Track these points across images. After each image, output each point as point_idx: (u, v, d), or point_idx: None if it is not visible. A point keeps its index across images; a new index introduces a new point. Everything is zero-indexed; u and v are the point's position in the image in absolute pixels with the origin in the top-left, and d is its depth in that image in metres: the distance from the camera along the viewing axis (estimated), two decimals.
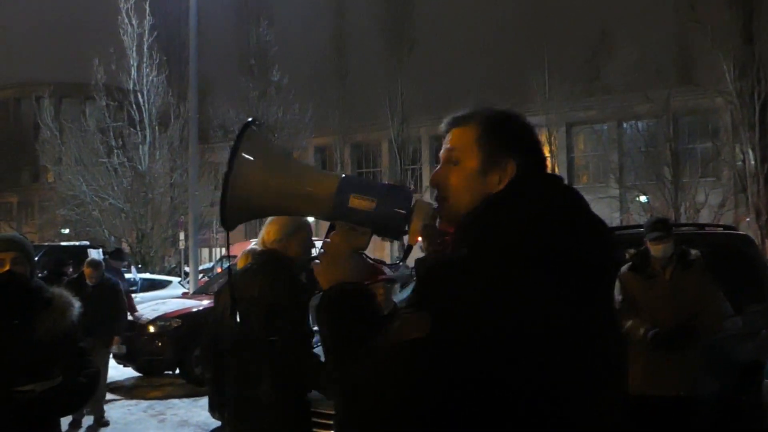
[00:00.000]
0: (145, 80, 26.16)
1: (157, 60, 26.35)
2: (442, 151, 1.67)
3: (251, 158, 1.59)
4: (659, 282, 4.61)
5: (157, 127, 26.34)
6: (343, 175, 1.63)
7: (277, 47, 32.08)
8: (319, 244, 1.99)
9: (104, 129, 26.50)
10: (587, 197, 1.66)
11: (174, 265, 27.11)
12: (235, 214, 1.62)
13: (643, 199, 28.70)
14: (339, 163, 36.84)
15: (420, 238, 1.62)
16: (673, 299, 4.53)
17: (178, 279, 19.06)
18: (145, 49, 26.00)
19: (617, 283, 4.64)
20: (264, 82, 31.04)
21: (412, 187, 34.91)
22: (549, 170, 1.69)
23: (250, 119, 1.68)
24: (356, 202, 1.58)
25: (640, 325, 4.52)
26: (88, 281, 7.96)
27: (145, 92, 26.10)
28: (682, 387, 4.50)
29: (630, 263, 4.72)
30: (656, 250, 4.62)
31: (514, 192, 1.54)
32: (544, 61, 31.67)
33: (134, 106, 26.15)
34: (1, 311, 3.07)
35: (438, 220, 1.63)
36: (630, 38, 28.12)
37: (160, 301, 12.01)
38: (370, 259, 1.67)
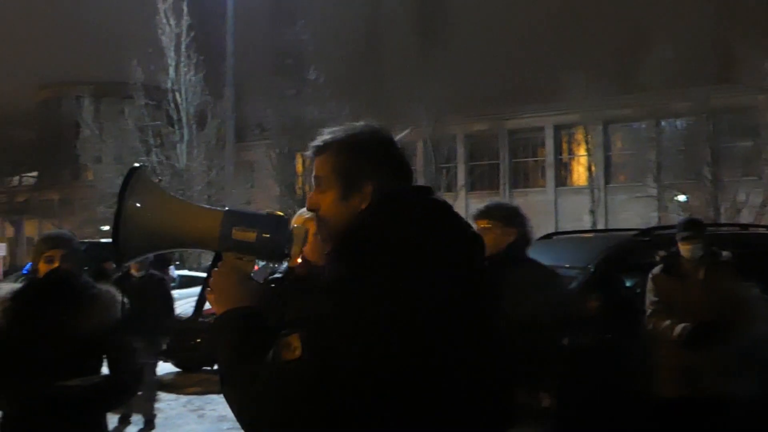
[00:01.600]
0: (182, 79, 26.48)
1: (195, 59, 26.65)
2: (312, 178, 1.80)
3: (138, 203, 1.75)
4: (692, 282, 4.54)
5: (194, 126, 26.64)
6: (226, 209, 1.80)
7: (313, 46, 32.20)
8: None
9: (143, 128, 26.90)
10: (624, 196, 1.72)
11: (211, 262, 27.37)
12: (131, 250, 1.80)
13: (681, 198, 28.29)
14: None
15: (299, 260, 1.85)
16: (707, 300, 4.48)
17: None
18: (183, 49, 26.31)
19: (650, 285, 4.58)
20: (299, 81, 31.18)
21: (442, 188, 34.80)
22: (413, 181, 1.83)
23: (136, 164, 1.84)
24: (239, 234, 1.74)
25: (673, 324, 4.46)
26: (133, 272, 8.02)
27: (182, 91, 26.41)
28: (718, 388, 4.42)
29: (662, 265, 4.65)
30: (686, 250, 4.55)
31: (374, 212, 1.66)
32: (580, 58, 31.38)
33: (172, 105, 26.49)
34: (50, 307, 3.14)
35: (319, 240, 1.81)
36: (668, 34, 27.72)
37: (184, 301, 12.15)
38: None
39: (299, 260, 1.80)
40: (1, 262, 43.90)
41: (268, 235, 1.74)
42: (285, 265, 3.34)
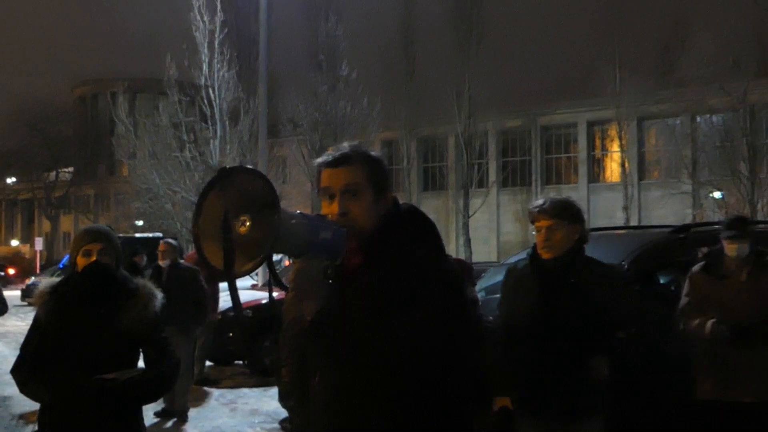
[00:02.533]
0: (216, 76, 26.62)
1: (228, 56, 26.76)
2: (336, 185, 2.05)
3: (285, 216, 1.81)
4: (734, 283, 4.34)
5: (227, 122, 26.79)
6: (303, 214, 1.89)
7: (346, 42, 32.23)
8: None
9: (177, 124, 27.09)
10: (658, 192, 1.81)
11: (267, 268, 27.53)
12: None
13: (717, 195, 27.88)
14: (405, 157, 36.84)
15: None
16: (750, 300, 4.26)
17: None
18: (216, 45, 26.43)
19: (687, 282, 4.45)
20: (333, 76, 31.20)
21: (474, 184, 34.69)
22: None
23: (260, 170, 1.94)
24: (324, 236, 1.90)
25: (705, 321, 4.25)
26: (160, 262, 8.08)
27: (216, 87, 26.56)
28: (760, 392, 4.22)
29: (703, 263, 4.47)
30: (731, 249, 4.35)
31: (398, 215, 2.11)
32: (615, 53, 31.02)
33: (205, 101, 26.64)
34: (88, 300, 3.18)
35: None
36: (705, 29, 27.30)
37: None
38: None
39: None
40: (38, 256, 44.73)
41: (336, 237, 1.89)
42: None
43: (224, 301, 11.14)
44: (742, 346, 4.19)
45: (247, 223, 1.78)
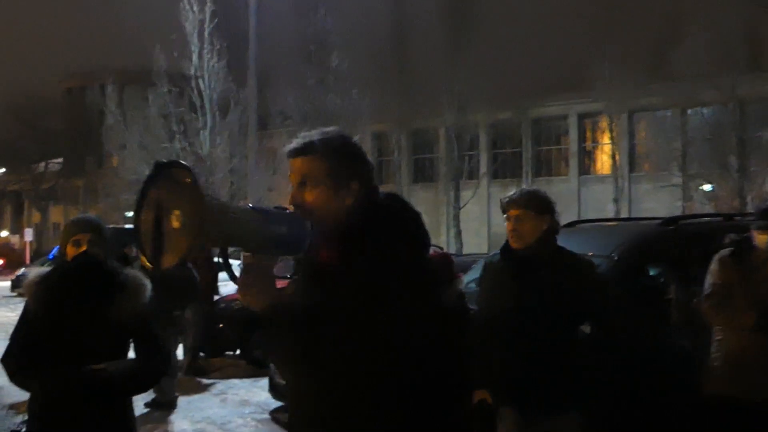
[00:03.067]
0: (206, 66, 26.57)
1: (218, 46, 26.72)
2: (291, 174, 2.03)
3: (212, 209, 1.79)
4: (759, 275, 4.11)
5: (217, 113, 26.75)
6: (257, 207, 1.91)
7: (336, 34, 32.15)
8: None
9: (166, 115, 27.04)
10: (648, 185, 1.81)
11: (234, 249, 27.56)
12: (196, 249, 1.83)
13: (707, 188, 27.99)
14: (396, 150, 36.81)
15: None
16: None
17: (239, 262, 19.37)
18: (206, 36, 26.39)
19: (714, 266, 4.23)
20: (322, 68, 31.16)
21: (464, 176, 34.69)
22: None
23: (184, 163, 1.86)
24: (276, 230, 1.89)
25: (736, 306, 4.01)
26: None
27: (206, 78, 26.51)
28: None
29: (731, 249, 4.27)
30: (762, 240, 4.16)
31: (371, 207, 2.02)
32: (605, 46, 31.06)
33: (195, 92, 26.59)
34: (77, 291, 3.16)
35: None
36: (695, 23, 27.34)
37: (221, 283, 12.23)
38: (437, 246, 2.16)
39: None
40: (28, 247, 44.52)
41: (296, 231, 1.89)
42: None
43: (223, 290, 11.18)
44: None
45: (180, 218, 1.77)
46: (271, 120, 32.03)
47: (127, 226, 22.92)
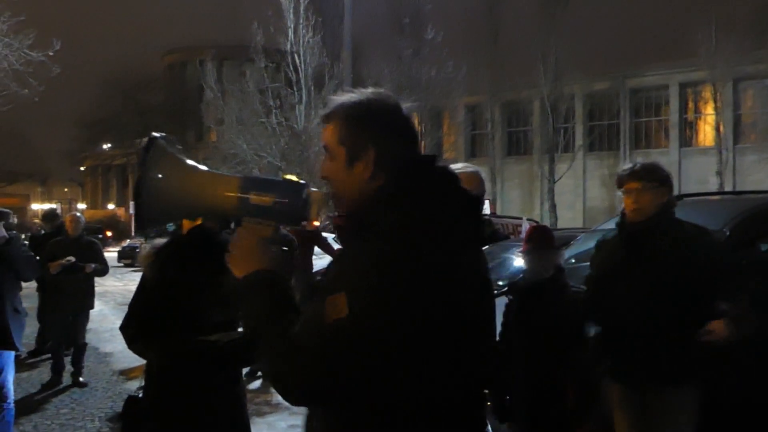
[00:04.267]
0: (301, 41, 26.84)
1: (313, 21, 26.93)
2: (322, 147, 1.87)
3: (160, 174, 1.77)
4: None
5: (312, 88, 27.04)
6: (241, 176, 1.82)
7: (431, 5, 31.93)
8: None
9: (263, 90, 27.49)
10: (754, 157, 1.67)
11: (328, 222, 27.98)
12: (152, 221, 1.83)
13: None
14: (489, 122, 36.41)
15: (317, 223, 1.83)
16: None
17: (333, 236, 19.63)
18: (302, 11, 26.62)
19: None
20: (417, 40, 31.02)
21: (559, 149, 34.00)
22: (419, 149, 1.87)
23: (155, 134, 1.83)
24: (256, 198, 1.79)
25: None
26: None
27: (301, 53, 26.80)
28: None
29: None
30: None
31: (389, 186, 1.74)
32: (710, 11, 29.72)
33: (291, 67, 26.93)
34: (192, 263, 3.27)
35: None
36: None
37: (316, 257, 12.44)
38: None
39: (317, 223, 1.91)
40: (133, 219, 46.51)
41: (285, 200, 1.81)
42: None
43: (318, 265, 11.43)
44: None
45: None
46: None
47: None
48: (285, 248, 1.97)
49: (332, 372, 1.59)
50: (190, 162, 1.86)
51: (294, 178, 1.89)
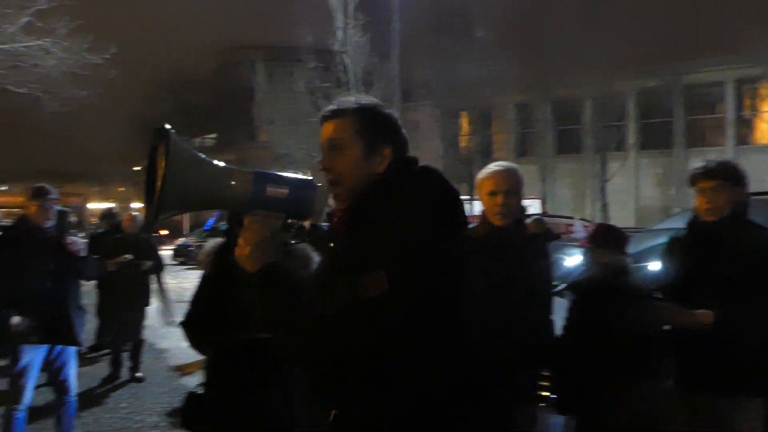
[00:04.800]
0: (350, 41, 26.99)
1: (362, 21, 27.05)
2: (322, 140, 1.96)
3: (177, 167, 1.79)
4: None
5: (361, 87, 27.17)
6: (254, 170, 1.86)
7: (479, 4, 31.77)
8: None
9: (313, 90, 27.73)
10: None
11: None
12: (167, 213, 1.84)
13: None
14: (539, 120, 36.06)
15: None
16: None
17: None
18: (351, 11, 26.75)
19: None
20: (465, 39, 30.91)
21: (611, 148, 33.48)
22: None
23: (167, 126, 1.87)
24: (272, 191, 1.85)
25: None
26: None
27: (350, 53, 26.94)
28: None
29: None
30: None
31: (394, 173, 1.89)
32: (767, 4, 28.99)
33: (340, 67, 27.10)
34: None
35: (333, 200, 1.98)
36: None
37: None
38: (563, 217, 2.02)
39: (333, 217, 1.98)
40: (187, 218, 47.17)
41: (298, 194, 1.86)
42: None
43: None
44: None
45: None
46: (414, 92, 32.17)
47: None
48: (293, 241, 2.04)
49: (363, 345, 1.69)
50: (202, 155, 1.91)
51: (306, 176, 1.97)
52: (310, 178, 1.92)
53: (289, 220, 1.94)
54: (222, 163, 1.91)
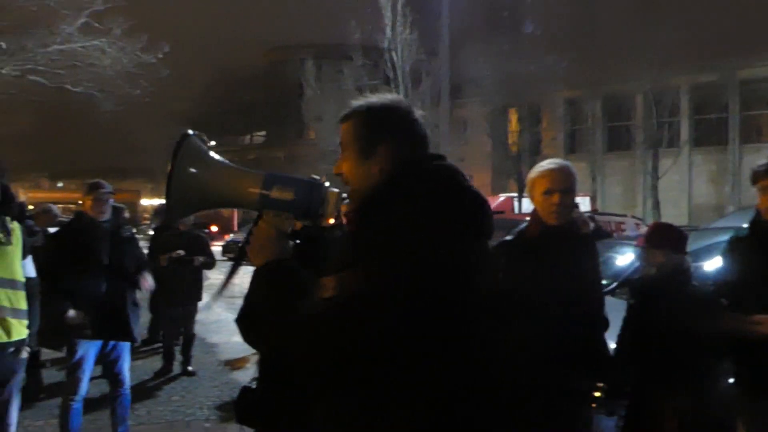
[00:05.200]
0: (398, 38, 27.00)
1: (410, 18, 27.05)
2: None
3: (192, 169, 1.90)
4: None
5: (409, 84, 27.17)
6: (266, 173, 1.93)
7: None
8: None
9: (361, 87, 27.82)
10: None
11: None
12: (180, 211, 1.99)
13: None
14: (590, 116, 35.59)
15: (331, 220, 1.95)
16: None
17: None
18: (399, 8, 26.76)
19: None
20: (515, 35, 30.67)
21: (663, 144, 32.88)
22: (427, 149, 1.95)
23: (190, 132, 1.95)
24: (277, 193, 1.91)
25: None
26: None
27: (398, 50, 26.96)
28: None
29: None
30: None
31: (400, 172, 1.83)
32: None
33: (389, 64, 27.13)
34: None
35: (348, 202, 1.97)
36: None
37: None
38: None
39: (331, 220, 1.99)
40: (236, 214, 47.76)
41: (304, 196, 1.91)
42: (519, 227, 3.37)
43: None
44: None
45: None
46: (463, 89, 32.02)
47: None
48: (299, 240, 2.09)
49: (341, 346, 1.66)
50: (219, 158, 2.01)
51: (315, 177, 2.02)
52: (318, 180, 1.98)
53: (301, 220, 2.00)
54: (233, 165, 2.02)
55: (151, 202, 62.04)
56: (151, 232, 10.65)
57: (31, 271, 4.16)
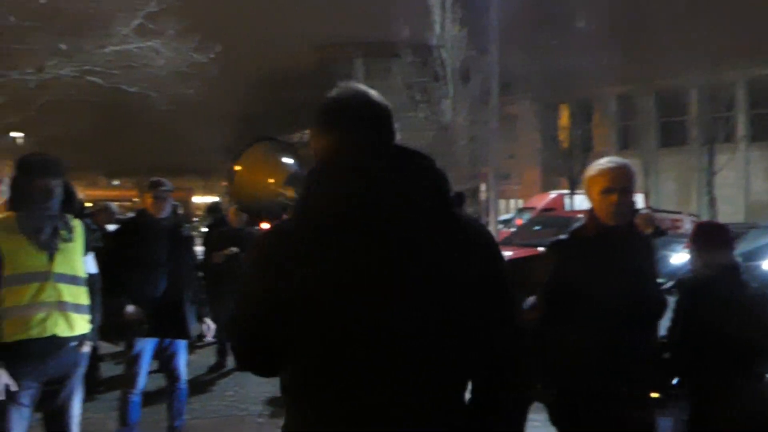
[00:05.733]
0: (447, 35, 26.92)
1: (459, 15, 26.94)
2: None
3: (238, 167, 2.19)
4: None
5: (458, 81, 27.06)
6: (291, 172, 2.13)
7: None
8: None
9: (410, 85, 27.81)
10: None
11: (475, 216, 27.91)
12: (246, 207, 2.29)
13: None
14: (641, 112, 34.98)
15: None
16: None
17: None
18: (448, 5, 26.67)
19: None
20: (565, 30, 30.30)
21: (719, 140, 32.12)
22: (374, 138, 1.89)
23: (266, 138, 2.20)
24: (292, 193, 2.08)
25: None
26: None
27: (448, 47, 26.87)
28: None
29: None
30: None
31: (317, 169, 1.85)
32: None
33: (438, 61, 27.06)
34: None
35: None
36: None
37: None
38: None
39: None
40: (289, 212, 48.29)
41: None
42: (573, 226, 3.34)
43: None
44: None
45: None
46: (512, 85, 31.74)
47: None
48: None
49: (243, 340, 1.92)
50: (276, 159, 2.13)
51: None
52: None
53: None
54: (288, 167, 2.21)
55: (203, 199, 62.96)
56: (204, 230, 10.81)
57: (93, 267, 4.27)
